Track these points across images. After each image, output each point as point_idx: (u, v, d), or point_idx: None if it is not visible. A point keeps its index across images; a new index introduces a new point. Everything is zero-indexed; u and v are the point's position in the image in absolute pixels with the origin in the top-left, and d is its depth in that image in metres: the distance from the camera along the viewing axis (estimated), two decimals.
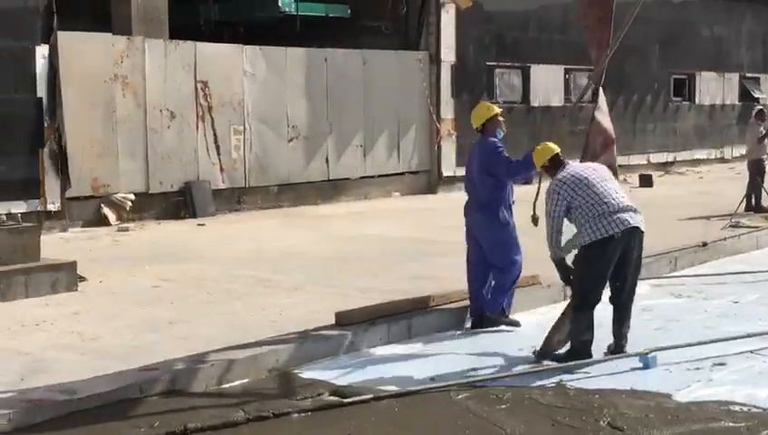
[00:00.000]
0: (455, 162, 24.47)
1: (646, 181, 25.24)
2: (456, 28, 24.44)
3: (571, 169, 8.94)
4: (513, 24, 26.21)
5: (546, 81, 27.03)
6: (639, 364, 8.71)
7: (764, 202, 18.95)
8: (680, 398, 7.84)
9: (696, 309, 11.22)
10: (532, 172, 10.04)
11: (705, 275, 13.24)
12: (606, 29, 9.80)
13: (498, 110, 10.34)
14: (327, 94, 22.02)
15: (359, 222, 18.50)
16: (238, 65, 20.36)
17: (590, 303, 8.82)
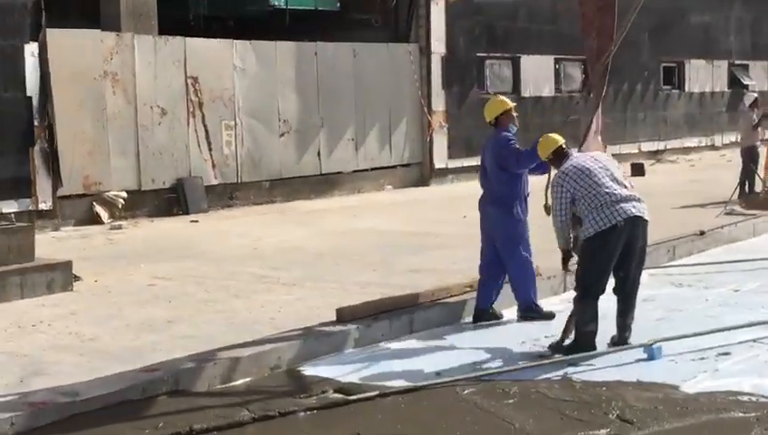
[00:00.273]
0: (446, 154, 24.45)
1: (638, 170, 25.17)
2: (446, 20, 24.37)
3: (574, 161, 8.91)
4: (503, 15, 26.10)
5: (536, 71, 26.96)
6: (644, 355, 8.66)
7: (758, 189, 18.91)
8: (687, 389, 7.78)
9: (697, 298, 11.18)
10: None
11: (704, 264, 13.19)
12: (609, 17, 9.74)
13: (512, 104, 10.33)
14: (318, 88, 21.92)
15: (353, 216, 18.42)
16: (228, 60, 20.25)
17: (595, 293, 8.77)
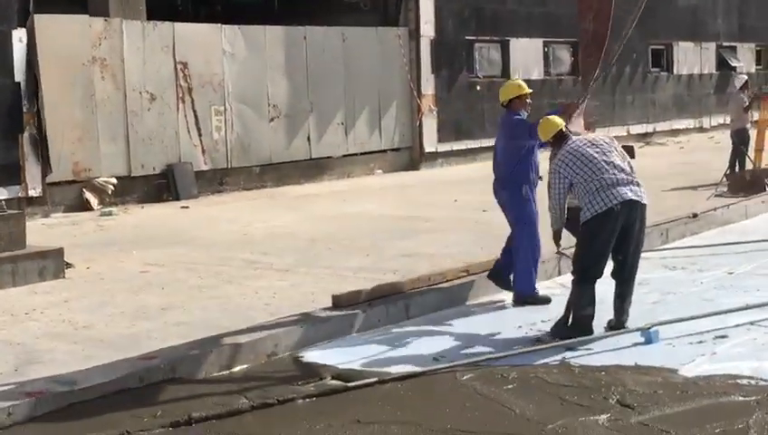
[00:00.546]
0: (436, 138, 24.40)
1: (628, 152, 24.88)
2: (435, 3, 24.31)
3: (572, 145, 8.90)
4: None
5: (526, 54, 26.92)
6: (641, 339, 8.64)
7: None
8: (686, 373, 7.76)
9: (692, 281, 11.16)
10: None
11: (697, 247, 13.18)
12: (606, 1, 9.69)
13: (528, 90, 10.37)
14: (307, 72, 21.84)
15: (343, 201, 18.38)
16: (217, 45, 20.15)
17: (592, 277, 8.76)
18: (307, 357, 8.58)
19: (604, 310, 8.92)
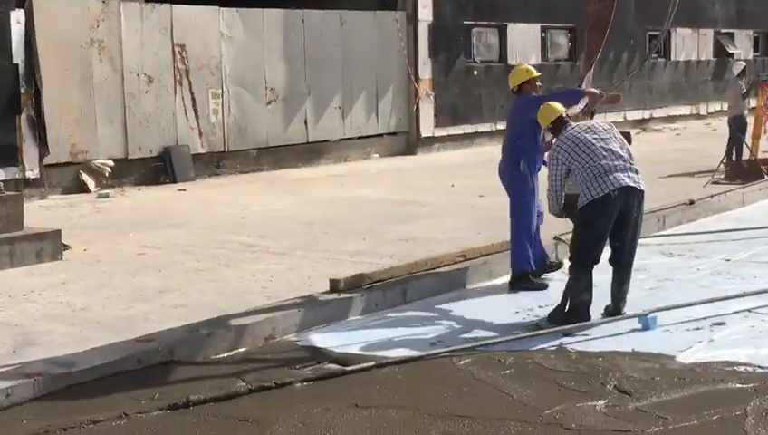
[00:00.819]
0: (433, 123, 24.36)
1: (625, 138, 25.10)
2: None
3: (571, 131, 8.92)
4: None
5: (523, 39, 26.85)
6: (639, 326, 8.66)
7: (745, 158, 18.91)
8: (683, 359, 7.79)
9: (689, 268, 11.18)
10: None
11: (694, 234, 13.19)
12: None
13: (537, 74, 10.41)
14: (305, 56, 21.79)
15: (340, 184, 18.38)
16: (215, 28, 20.10)
17: (589, 263, 8.78)
18: (305, 341, 8.59)
19: (601, 296, 8.93)
